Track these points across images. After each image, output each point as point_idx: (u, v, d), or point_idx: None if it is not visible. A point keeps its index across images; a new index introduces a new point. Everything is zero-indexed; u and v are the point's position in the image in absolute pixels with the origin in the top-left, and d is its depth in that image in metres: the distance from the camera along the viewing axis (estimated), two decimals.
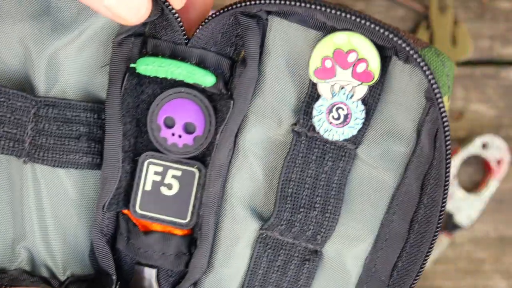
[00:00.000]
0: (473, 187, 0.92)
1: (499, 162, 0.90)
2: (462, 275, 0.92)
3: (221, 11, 0.48)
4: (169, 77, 0.49)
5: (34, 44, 0.50)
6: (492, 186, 0.90)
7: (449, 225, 0.91)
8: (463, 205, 0.90)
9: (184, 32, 0.49)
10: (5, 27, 0.50)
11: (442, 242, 0.90)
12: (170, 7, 0.48)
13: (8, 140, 0.51)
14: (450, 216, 0.91)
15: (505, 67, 0.91)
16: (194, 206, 0.52)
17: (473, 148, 0.89)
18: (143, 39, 0.50)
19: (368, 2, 0.90)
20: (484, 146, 0.90)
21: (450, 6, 0.90)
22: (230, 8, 0.48)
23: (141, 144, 0.52)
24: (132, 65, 0.49)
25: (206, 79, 0.49)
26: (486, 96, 0.91)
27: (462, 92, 0.91)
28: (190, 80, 0.49)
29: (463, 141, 0.91)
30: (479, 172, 0.92)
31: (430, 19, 0.90)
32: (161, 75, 0.49)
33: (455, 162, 0.89)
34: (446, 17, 0.90)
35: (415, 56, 0.46)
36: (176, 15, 0.48)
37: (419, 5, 0.90)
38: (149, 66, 0.48)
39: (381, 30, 0.46)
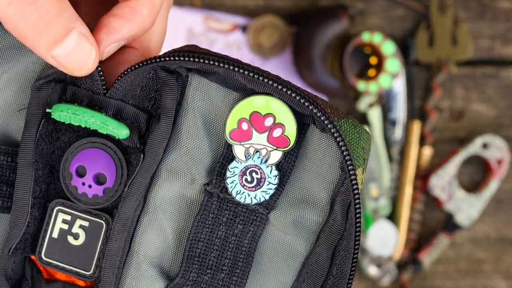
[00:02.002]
0: (473, 187, 0.92)
1: (499, 162, 0.90)
2: (462, 275, 0.92)
3: (141, 64, 0.48)
4: (83, 126, 0.48)
5: None
6: (492, 186, 0.90)
7: (449, 225, 0.91)
8: (463, 205, 0.90)
9: (103, 82, 0.49)
10: None
11: (443, 242, 0.90)
12: None
13: None
14: (450, 216, 0.91)
15: (505, 67, 0.91)
16: (98, 258, 0.51)
17: (474, 148, 0.89)
18: (63, 85, 0.49)
19: (368, 2, 0.90)
20: (485, 146, 0.89)
21: (450, 6, 0.90)
22: (149, 62, 0.47)
23: (52, 191, 0.51)
24: (48, 110, 0.49)
25: (120, 131, 0.48)
26: (487, 96, 0.91)
27: (462, 92, 0.91)
28: (103, 131, 0.48)
29: (464, 141, 0.90)
30: (479, 172, 0.92)
31: (430, 19, 0.90)
32: (75, 123, 0.48)
33: (456, 162, 0.89)
34: (446, 17, 0.90)
35: (329, 126, 0.46)
36: (98, 66, 0.48)
37: (419, 4, 0.90)
38: (63, 113, 0.48)
39: (297, 98, 0.46)
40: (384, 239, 0.90)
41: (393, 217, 0.91)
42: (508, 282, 0.92)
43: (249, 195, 0.49)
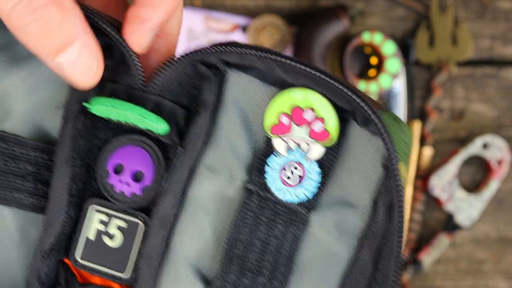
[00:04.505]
0: (473, 187, 0.92)
1: (499, 162, 0.90)
2: (462, 275, 0.92)
3: (180, 58, 0.47)
4: (122, 120, 0.47)
5: None
6: (492, 186, 0.90)
7: (450, 225, 0.91)
8: (464, 206, 0.90)
9: (142, 78, 0.48)
10: None
11: (443, 242, 0.90)
12: (131, 51, 0.47)
13: None
14: (450, 217, 0.91)
15: (505, 67, 0.91)
16: (135, 260, 0.49)
17: (474, 148, 0.89)
18: (101, 82, 0.48)
19: (368, 2, 0.90)
20: (485, 146, 0.89)
21: (451, 6, 0.90)
22: (187, 55, 0.47)
23: (89, 190, 0.50)
24: (85, 104, 0.48)
25: (159, 126, 0.47)
26: (487, 96, 0.91)
27: (462, 92, 0.91)
28: (142, 125, 0.47)
29: (464, 141, 0.90)
30: (479, 172, 0.92)
31: (431, 19, 0.90)
32: (114, 117, 0.47)
33: (456, 162, 0.89)
34: (446, 17, 0.90)
35: (373, 117, 0.44)
36: (136, 59, 0.47)
37: (420, 4, 0.90)
38: (102, 106, 0.47)
39: (340, 86, 0.44)
40: None
41: None
42: (509, 282, 0.92)
43: (289, 191, 0.47)
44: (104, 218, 0.49)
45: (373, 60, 0.88)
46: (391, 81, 0.87)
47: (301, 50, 0.88)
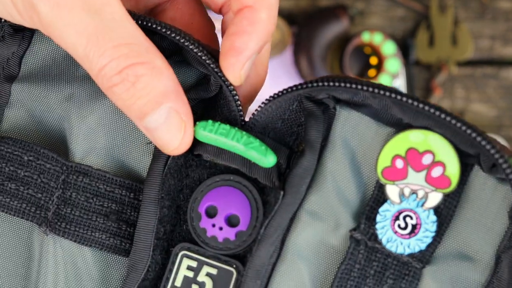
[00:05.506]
0: None
1: None
2: None
3: (284, 91, 0.43)
4: (227, 147, 0.43)
5: (76, 106, 0.46)
6: None
7: None
8: None
9: (241, 113, 0.44)
10: (49, 88, 0.46)
11: None
12: (228, 83, 0.43)
13: (31, 205, 0.45)
14: None
15: (505, 67, 0.91)
16: None
17: None
18: (196, 117, 0.44)
19: (368, 2, 0.90)
20: None
21: (451, 6, 0.90)
22: (294, 88, 0.43)
23: (178, 234, 0.46)
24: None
25: (267, 156, 0.43)
26: (487, 96, 0.91)
27: (462, 92, 0.91)
28: (246, 152, 0.43)
29: None
30: None
31: (430, 19, 0.90)
32: (220, 144, 0.43)
33: None
34: (446, 17, 0.90)
35: (504, 166, 0.40)
36: (235, 94, 0.43)
37: (420, 5, 0.90)
38: (207, 133, 0.43)
39: (468, 131, 0.40)
40: None
41: None
42: None
43: (401, 243, 0.43)
44: (193, 264, 0.46)
45: (373, 60, 0.88)
46: (391, 81, 0.87)
47: (301, 50, 0.88)
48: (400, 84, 0.89)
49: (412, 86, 0.90)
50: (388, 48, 0.87)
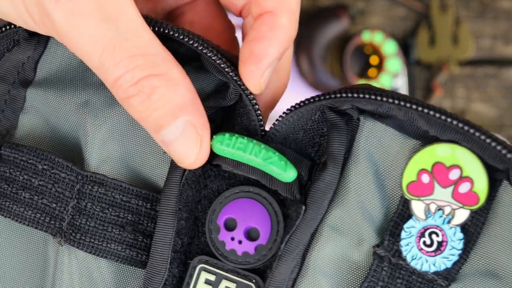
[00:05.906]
0: None
1: None
2: None
3: (306, 101, 0.42)
4: (245, 161, 0.42)
5: (92, 113, 0.45)
6: None
7: None
8: None
9: (261, 123, 0.43)
10: (65, 94, 0.46)
11: None
12: (248, 92, 0.42)
13: (45, 215, 0.45)
14: None
15: (506, 66, 0.91)
16: None
17: None
18: (214, 127, 0.43)
19: (368, 2, 0.90)
20: None
21: (451, 6, 0.89)
22: (316, 99, 0.41)
23: (195, 247, 0.45)
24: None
25: (287, 171, 0.42)
26: (488, 96, 0.91)
27: (463, 92, 0.91)
28: (266, 167, 0.42)
29: None
30: None
31: (431, 18, 0.89)
32: (238, 158, 0.42)
33: None
34: (447, 16, 0.89)
35: None
36: (255, 103, 0.42)
37: (420, 4, 0.90)
38: (224, 147, 0.42)
39: (498, 147, 0.39)
40: None
41: None
42: None
43: (427, 261, 0.42)
44: (212, 277, 0.45)
45: (374, 60, 0.88)
46: (392, 81, 0.86)
47: (301, 50, 0.88)
48: (400, 84, 0.89)
49: (413, 85, 0.90)
50: (389, 47, 0.87)
